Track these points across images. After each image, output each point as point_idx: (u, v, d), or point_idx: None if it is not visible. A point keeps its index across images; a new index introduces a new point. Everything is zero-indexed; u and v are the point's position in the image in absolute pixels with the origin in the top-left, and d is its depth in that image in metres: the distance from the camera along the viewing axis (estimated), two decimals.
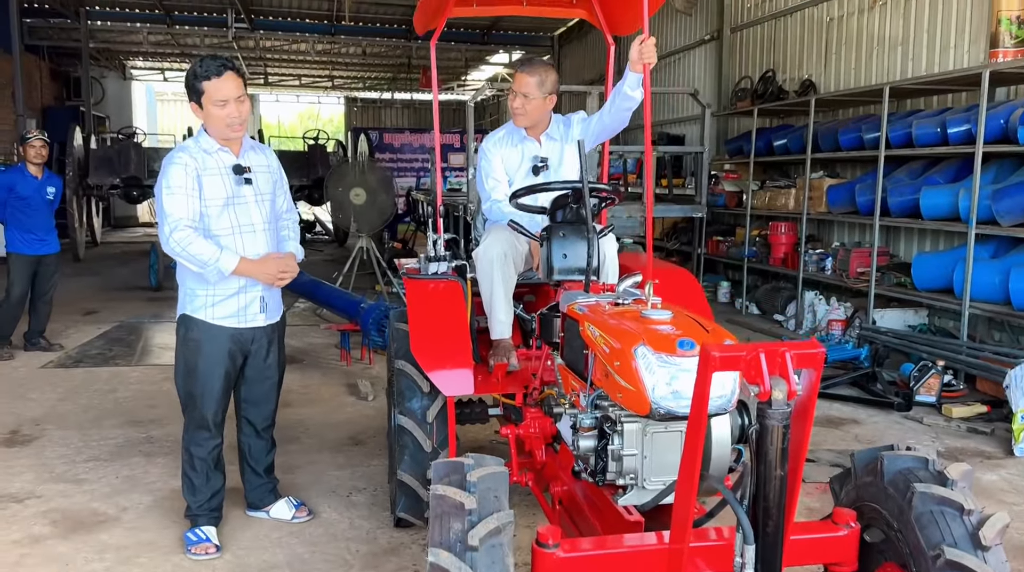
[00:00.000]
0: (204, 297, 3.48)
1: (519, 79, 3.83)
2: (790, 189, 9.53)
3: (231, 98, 3.37)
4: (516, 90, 3.83)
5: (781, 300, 9.57)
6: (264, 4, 18.32)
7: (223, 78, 3.35)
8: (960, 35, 7.73)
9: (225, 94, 3.36)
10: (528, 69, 3.83)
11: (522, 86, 3.81)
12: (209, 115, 3.39)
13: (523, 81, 3.81)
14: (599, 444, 2.57)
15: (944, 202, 6.93)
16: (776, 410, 1.84)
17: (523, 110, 3.85)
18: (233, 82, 3.38)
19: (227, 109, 3.37)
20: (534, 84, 3.80)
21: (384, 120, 30.54)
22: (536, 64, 3.89)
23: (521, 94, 3.82)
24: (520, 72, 3.85)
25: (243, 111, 3.43)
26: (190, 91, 3.40)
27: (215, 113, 3.37)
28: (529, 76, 3.80)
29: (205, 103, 3.37)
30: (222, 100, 3.36)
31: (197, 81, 3.36)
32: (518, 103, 3.84)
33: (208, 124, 3.44)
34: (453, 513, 2.04)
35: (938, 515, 2.14)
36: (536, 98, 3.81)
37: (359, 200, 10.04)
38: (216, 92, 3.35)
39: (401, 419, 3.48)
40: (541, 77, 3.81)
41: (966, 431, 5.50)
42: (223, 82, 3.35)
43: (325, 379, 6.65)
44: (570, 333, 2.95)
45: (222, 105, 3.36)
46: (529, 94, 3.81)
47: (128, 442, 5.07)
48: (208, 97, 3.36)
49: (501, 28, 19.94)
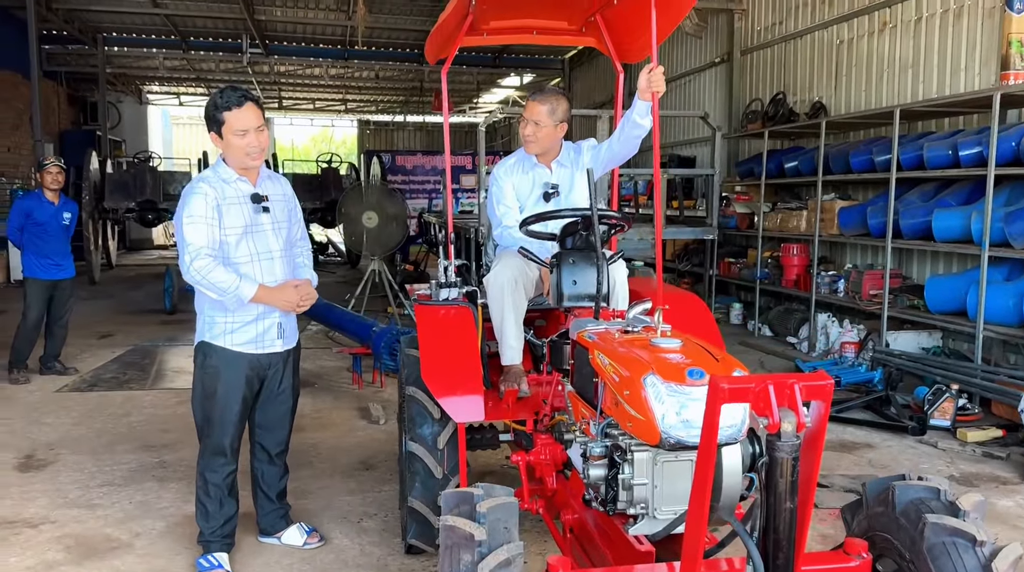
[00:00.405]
0: (223, 324, 3.51)
1: (531, 107, 3.87)
2: (802, 211, 9.52)
3: (251, 128, 3.43)
4: (527, 118, 3.88)
5: (794, 322, 9.54)
6: (279, 29, 18.54)
7: (243, 109, 3.40)
8: (971, 58, 7.74)
9: (245, 124, 3.42)
10: (540, 97, 3.87)
11: (533, 114, 3.85)
12: (229, 145, 3.45)
13: (535, 109, 3.85)
14: (609, 473, 2.57)
15: (956, 224, 6.91)
16: (785, 442, 1.85)
17: (534, 137, 3.89)
18: (253, 113, 3.44)
19: (246, 139, 3.43)
20: (545, 112, 3.84)
21: (396, 142, 30.77)
22: (548, 92, 3.93)
23: (532, 122, 3.86)
24: (532, 100, 3.89)
25: (262, 141, 3.49)
26: (210, 121, 3.45)
27: (235, 143, 3.43)
28: (541, 104, 3.84)
29: (225, 133, 3.43)
30: (242, 130, 3.42)
31: (218, 112, 3.41)
32: (529, 131, 3.88)
33: (228, 154, 3.49)
34: (463, 544, 2.05)
35: (950, 546, 2.13)
36: (547, 126, 3.85)
37: (371, 223, 10.11)
38: (236, 122, 3.41)
39: (412, 445, 3.49)
40: (552, 105, 3.85)
41: (981, 455, 5.45)
42: (243, 113, 3.41)
43: (337, 403, 6.67)
44: (580, 360, 2.96)
45: (242, 135, 3.42)
46: (540, 122, 3.85)
47: (141, 467, 5.09)
48: (228, 127, 3.41)
49: (512, 52, 20.10)
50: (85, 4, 16.20)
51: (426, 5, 16.05)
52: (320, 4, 16.17)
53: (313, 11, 16.71)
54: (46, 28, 16.90)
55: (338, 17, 16.85)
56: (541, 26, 4.44)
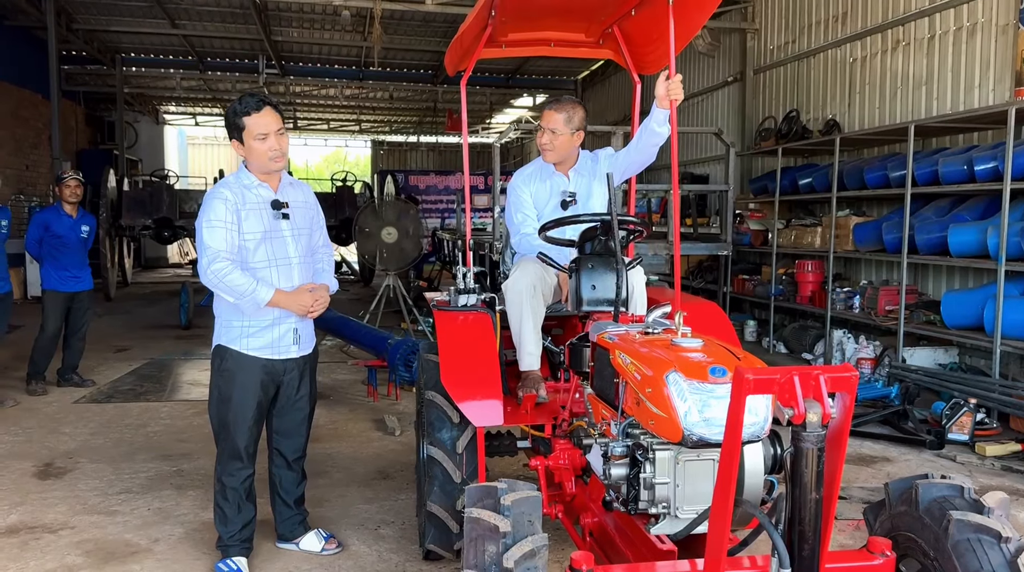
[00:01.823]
0: (239, 328, 3.55)
1: (547, 116, 3.92)
2: (816, 227, 9.52)
3: (271, 131, 3.48)
4: (544, 126, 3.92)
5: (809, 338, 9.51)
6: (294, 50, 18.75)
7: (262, 113, 3.46)
8: (984, 74, 7.76)
9: (265, 128, 3.46)
10: (556, 106, 3.92)
11: (550, 122, 3.90)
12: (251, 150, 3.49)
13: (551, 117, 3.90)
14: (631, 472, 2.57)
15: (972, 239, 6.90)
16: (811, 433, 1.85)
17: (551, 145, 3.93)
18: (272, 116, 3.49)
19: (268, 142, 3.48)
20: (562, 120, 3.89)
21: (410, 162, 30.95)
22: (564, 101, 3.98)
23: (549, 130, 3.90)
24: (548, 109, 3.94)
25: (283, 144, 3.54)
26: (231, 129, 3.50)
27: (257, 147, 3.47)
28: (557, 113, 3.89)
29: (246, 138, 3.47)
30: (263, 134, 3.46)
31: (237, 118, 3.46)
32: (546, 139, 3.93)
33: (250, 158, 3.53)
34: (488, 536, 2.06)
35: (975, 543, 2.13)
36: (564, 134, 3.89)
37: (390, 238, 10.16)
38: (256, 127, 3.45)
39: (431, 450, 3.50)
40: (568, 113, 3.89)
41: (1000, 469, 5.41)
42: (262, 116, 3.46)
43: (352, 415, 6.69)
44: (600, 362, 2.97)
45: (263, 139, 3.47)
46: (557, 130, 3.89)
47: (159, 475, 5.12)
48: (249, 132, 3.46)
49: (525, 72, 20.23)
50: (104, 25, 16.46)
51: (440, 26, 16.21)
52: (336, 25, 16.34)
53: (329, 32, 16.90)
54: (66, 49, 17.15)
55: (353, 38, 17.03)
56: (559, 38, 4.50)
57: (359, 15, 14.25)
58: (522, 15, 4.10)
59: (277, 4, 14.56)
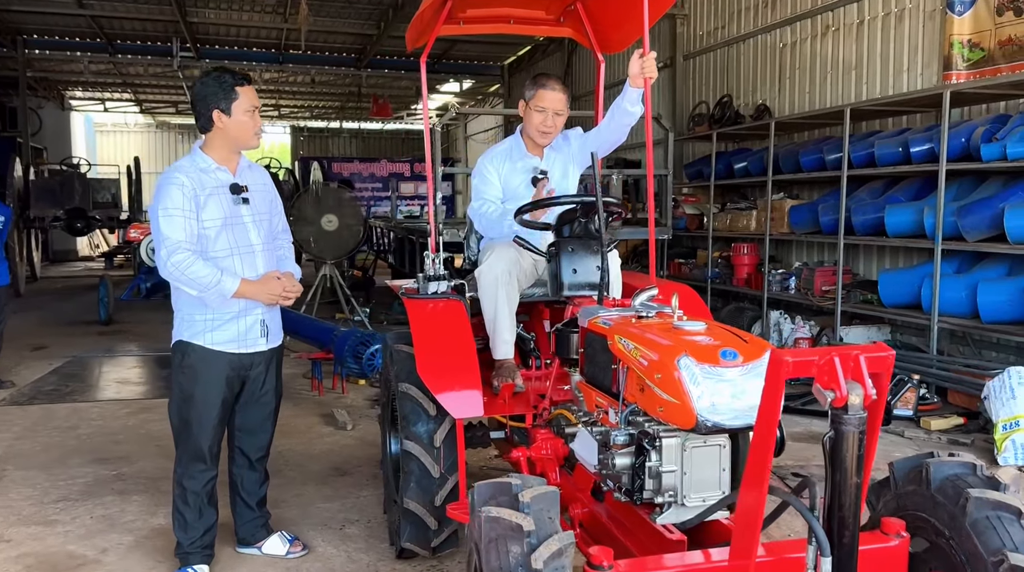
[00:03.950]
0: (202, 322, 3.32)
1: (550, 97, 3.73)
2: (751, 211, 9.66)
3: (258, 106, 3.38)
4: (547, 108, 3.73)
5: (746, 320, 9.63)
6: (211, 33, 18.03)
7: (251, 87, 3.35)
8: (913, 59, 7.97)
9: (255, 102, 3.36)
10: (559, 86, 3.76)
11: (556, 103, 3.73)
12: (238, 123, 3.32)
13: (557, 98, 3.73)
14: (635, 461, 2.49)
15: (908, 219, 7.08)
16: (852, 416, 1.80)
17: (555, 128, 3.79)
18: (255, 93, 3.39)
19: (255, 118, 3.34)
20: (566, 101, 3.76)
21: (332, 149, 30.25)
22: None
23: (554, 112, 3.74)
24: (548, 90, 3.74)
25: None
26: (217, 99, 3.29)
27: (245, 121, 3.32)
28: (561, 93, 3.75)
29: (236, 110, 3.29)
30: (253, 107, 3.34)
31: (231, 89, 3.28)
32: (550, 122, 3.76)
33: (234, 133, 3.34)
34: (510, 536, 1.94)
35: (995, 520, 2.12)
36: (565, 114, 3.77)
37: (330, 226, 9.85)
38: (249, 98, 3.32)
39: (407, 444, 3.35)
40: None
41: (947, 443, 5.57)
42: (251, 91, 3.34)
43: (298, 410, 6.43)
44: (593, 348, 2.88)
45: (252, 113, 3.33)
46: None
47: (98, 480, 4.80)
48: (240, 104, 3.30)
49: (451, 57, 19.98)
50: (5, 4, 15.44)
51: (365, 8, 15.83)
52: (256, 7, 15.78)
53: (248, 13, 16.30)
54: None
55: (274, 20, 16.48)
56: (518, 15, 4.37)
57: None
58: None
59: None
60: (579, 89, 16.59)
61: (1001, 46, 6.85)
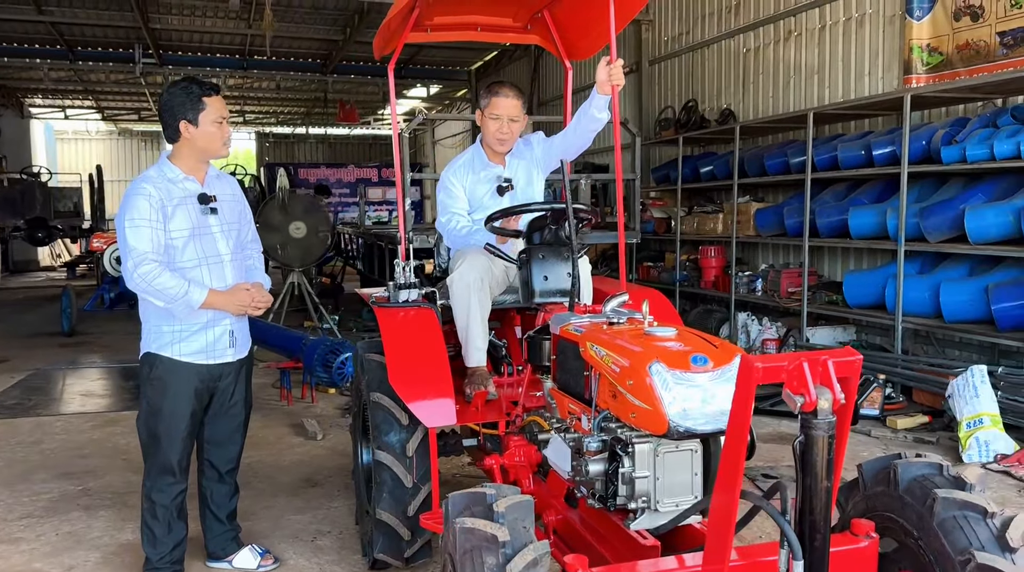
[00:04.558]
0: (170, 333, 3.28)
1: (504, 104, 3.74)
2: (718, 214, 9.75)
3: (227, 117, 3.35)
4: (502, 115, 3.74)
5: (714, 322, 9.72)
6: (174, 39, 17.81)
7: (219, 97, 3.32)
8: (874, 63, 8.10)
9: (223, 112, 3.33)
10: (512, 92, 3.77)
11: (510, 110, 3.73)
12: (206, 134, 3.29)
13: (510, 105, 3.73)
14: (608, 467, 2.50)
15: (872, 221, 7.19)
16: (822, 420, 1.82)
17: (511, 134, 3.79)
18: (224, 103, 3.37)
19: (224, 128, 3.31)
20: (520, 107, 3.76)
21: (298, 155, 30.03)
22: (512, 86, 3.85)
23: (508, 119, 3.74)
24: (502, 97, 3.75)
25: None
26: (184, 109, 3.25)
27: (213, 131, 3.29)
28: (515, 99, 3.75)
29: (203, 120, 3.26)
30: (222, 117, 3.31)
31: (201, 97, 3.26)
32: (506, 129, 3.76)
33: (202, 143, 3.31)
34: (485, 547, 1.93)
35: (961, 520, 2.15)
36: (521, 120, 3.77)
37: (299, 233, 9.77)
38: (217, 109, 3.30)
39: (379, 454, 3.33)
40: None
41: (913, 441, 5.66)
42: (219, 101, 3.32)
43: (266, 421, 6.36)
44: (565, 355, 2.88)
45: (220, 123, 3.30)
46: (516, 118, 3.75)
47: (63, 496, 4.71)
48: (208, 114, 3.27)
49: (418, 62, 19.92)
50: None
51: (331, 14, 15.75)
52: (219, 12, 15.60)
53: (212, 19, 16.12)
54: None
55: (238, 25, 16.31)
56: (486, 23, 4.37)
57: (246, 1, 13.65)
58: None
59: None
60: (547, 94, 16.65)
61: (959, 50, 7.00)
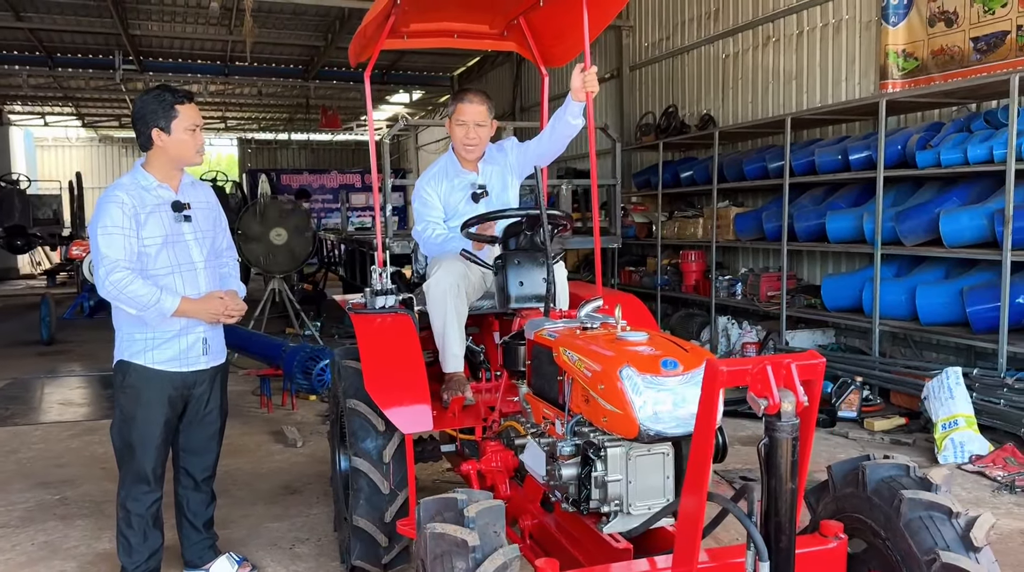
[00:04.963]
0: (143, 341, 3.27)
1: (469, 110, 3.77)
2: (698, 218, 9.81)
3: (200, 124, 3.34)
4: (467, 121, 3.77)
5: (695, 326, 9.78)
6: (154, 45, 17.74)
7: (192, 105, 3.31)
8: (851, 68, 8.19)
9: (196, 119, 3.32)
10: (477, 98, 3.80)
11: (476, 116, 3.76)
12: (179, 141, 3.28)
13: (476, 111, 3.76)
14: (581, 471, 2.51)
15: (849, 225, 7.26)
16: (786, 422, 1.84)
17: (478, 139, 3.81)
18: (197, 110, 3.35)
19: (197, 135, 3.31)
20: (486, 112, 3.78)
21: (280, 161, 29.91)
22: (477, 92, 3.87)
23: (475, 124, 3.77)
24: (466, 103, 3.79)
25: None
26: (156, 117, 3.25)
27: (186, 139, 3.28)
28: (480, 105, 3.77)
29: (176, 128, 3.26)
30: (194, 125, 3.30)
31: (174, 105, 3.25)
32: (473, 134, 3.79)
33: (175, 151, 3.30)
34: (455, 552, 1.95)
35: (927, 520, 2.18)
36: (487, 126, 3.79)
37: (279, 240, 9.74)
38: (191, 116, 3.29)
39: (356, 461, 3.33)
40: (489, 104, 3.80)
41: (890, 443, 5.71)
42: (193, 108, 3.31)
43: (247, 428, 6.34)
44: (539, 360, 2.90)
45: (193, 130, 3.29)
46: (483, 123, 3.78)
47: (40, 505, 4.68)
48: (181, 122, 3.26)
49: (401, 68, 19.92)
50: None
51: (312, 19, 15.73)
52: (200, 19, 15.55)
53: (192, 25, 16.06)
54: None
55: (219, 31, 16.25)
56: (462, 30, 4.39)
57: (226, 7, 13.62)
58: (426, 5, 3.97)
59: None
60: (529, 100, 16.70)
61: (934, 55, 7.09)
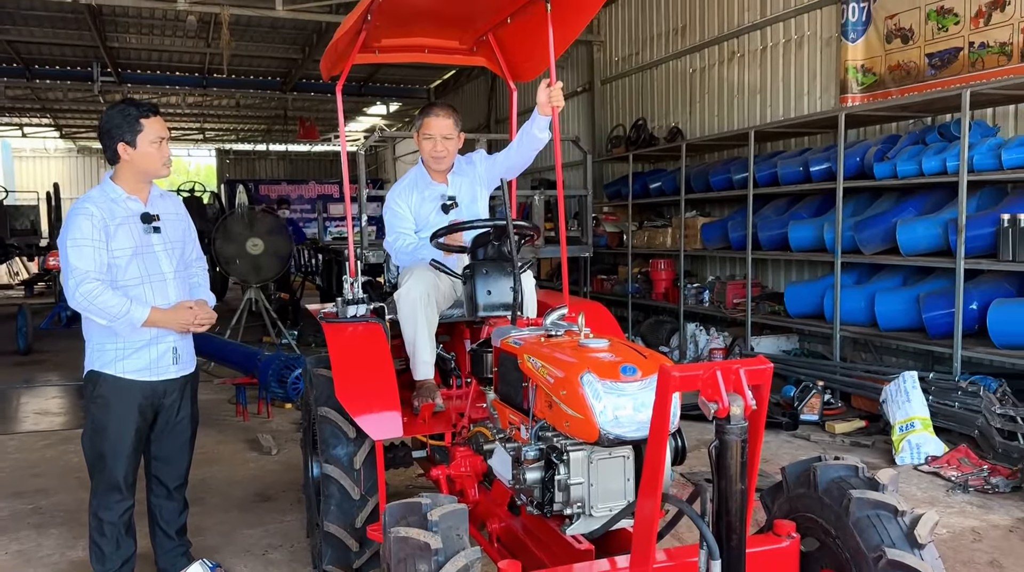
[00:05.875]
0: (113, 350, 3.33)
1: (436, 123, 3.88)
2: (666, 228, 9.98)
3: (166, 137, 3.41)
4: (434, 134, 3.87)
5: (664, 333, 9.91)
6: (132, 57, 17.65)
7: (157, 118, 3.37)
8: (812, 83, 8.40)
9: (162, 131, 3.38)
10: (443, 112, 3.90)
11: (442, 129, 3.87)
12: (145, 155, 3.34)
13: (442, 124, 3.87)
14: (545, 475, 2.61)
15: (810, 235, 7.44)
16: (735, 425, 1.94)
17: (446, 152, 3.91)
18: (163, 123, 3.42)
19: (163, 148, 3.38)
20: (452, 125, 3.88)
21: (259, 172, 29.83)
22: (443, 106, 3.99)
23: (442, 137, 3.88)
24: (432, 117, 3.89)
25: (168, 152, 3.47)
26: (121, 131, 3.30)
27: (152, 152, 3.35)
28: (447, 118, 3.88)
29: (141, 142, 3.32)
30: (160, 138, 3.36)
31: (139, 119, 3.31)
32: (440, 147, 3.89)
33: (141, 164, 3.36)
34: (418, 555, 2.03)
35: (874, 518, 2.30)
36: (454, 138, 3.90)
37: (257, 249, 9.77)
38: (155, 130, 3.35)
39: (327, 468, 3.40)
40: (455, 117, 3.91)
41: (850, 445, 5.87)
42: (158, 121, 3.37)
43: (222, 436, 6.37)
44: (505, 367, 2.99)
45: (159, 143, 3.36)
46: (450, 135, 3.88)
47: (14, 515, 4.69)
48: (146, 135, 3.32)
49: (377, 80, 19.98)
50: None
51: (289, 33, 15.76)
52: (178, 31, 15.51)
53: (170, 38, 16.02)
54: None
55: (197, 44, 16.23)
56: (433, 45, 4.49)
57: (203, 20, 13.62)
58: (397, 21, 4.07)
59: (113, 9, 13.56)
60: (504, 113, 16.84)
61: (891, 71, 7.30)
